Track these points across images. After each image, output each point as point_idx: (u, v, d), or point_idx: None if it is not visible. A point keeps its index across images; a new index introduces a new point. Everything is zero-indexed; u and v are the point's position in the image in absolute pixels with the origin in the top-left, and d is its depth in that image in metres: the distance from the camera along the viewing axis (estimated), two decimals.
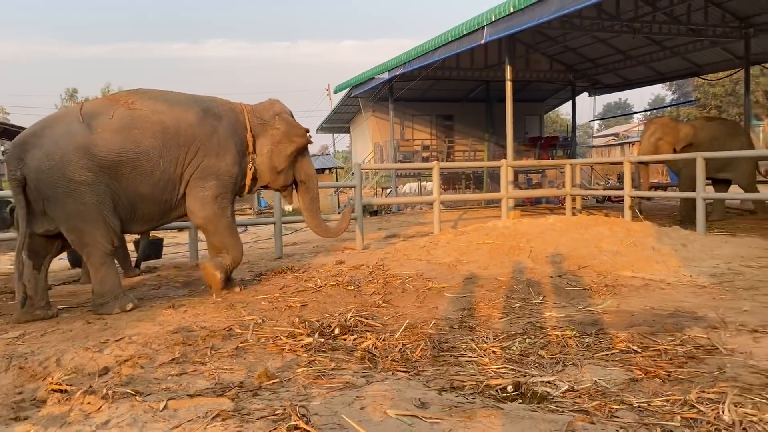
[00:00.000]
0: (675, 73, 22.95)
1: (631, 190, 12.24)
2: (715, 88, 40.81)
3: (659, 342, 4.72)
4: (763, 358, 4.31)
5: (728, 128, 13.19)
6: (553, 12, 11.44)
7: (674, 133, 12.31)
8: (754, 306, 5.86)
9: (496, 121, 23.03)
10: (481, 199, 19.33)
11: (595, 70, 23.35)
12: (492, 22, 13.20)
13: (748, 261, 8.18)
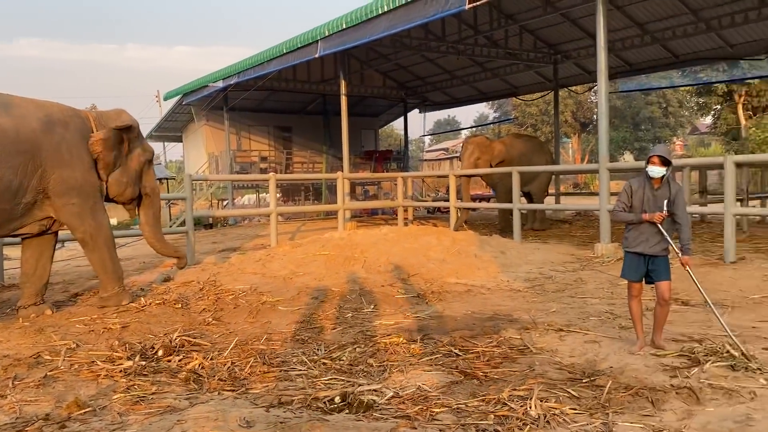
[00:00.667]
0: (495, 93, 24.81)
1: (457, 201, 12.99)
2: (530, 108, 44.66)
3: (478, 344, 5.03)
4: (567, 354, 4.76)
5: (534, 145, 14.53)
6: (382, 30, 11.86)
7: (490, 151, 13.33)
8: (560, 307, 6.45)
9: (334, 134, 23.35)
10: (319, 210, 19.46)
11: (424, 88, 24.56)
12: (326, 36, 13.38)
13: (557, 266, 9.01)
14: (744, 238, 10.42)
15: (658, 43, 16.96)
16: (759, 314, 5.75)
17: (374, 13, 11.74)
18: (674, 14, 15.67)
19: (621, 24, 16.49)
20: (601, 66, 9.63)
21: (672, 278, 4.80)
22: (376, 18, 11.82)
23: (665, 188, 4.71)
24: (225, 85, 18.56)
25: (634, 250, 4.77)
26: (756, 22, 14.85)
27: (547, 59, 19.22)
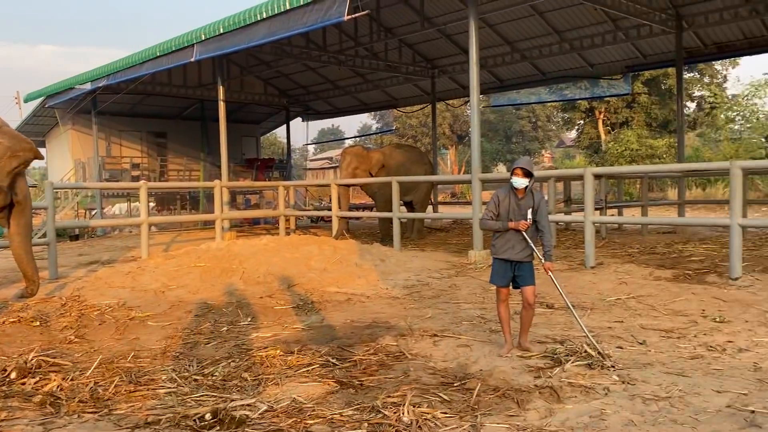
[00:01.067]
0: (377, 104, 25.23)
1: (338, 210, 13.03)
2: (411, 120, 45.84)
3: (356, 353, 5.05)
4: (440, 359, 4.89)
5: (414, 155, 14.84)
6: (262, 37, 11.69)
7: (367, 160, 13.51)
8: (436, 313, 6.63)
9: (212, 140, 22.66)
10: (196, 220, 18.78)
11: (307, 97, 24.49)
12: (202, 40, 12.99)
13: (433, 273, 9.26)
14: (603, 245, 11.24)
15: (527, 61, 17.99)
16: (614, 315, 6.21)
17: (253, 19, 11.55)
18: (541, 34, 16.71)
19: (493, 42, 17.34)
20: (473, 81, 10.05)
21: (538, 283, 5.08)
22: (255, 24, 11.63)
23: (529, 198, 4.97)
24: (93, 88, 17.49)
25: (502, 257, 5.00)
26: (612, 44, 16.16)
27: (425, 73, 19.83)
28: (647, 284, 7.42)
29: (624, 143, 30.39)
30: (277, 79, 23.15)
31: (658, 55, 16.58)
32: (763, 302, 6.28)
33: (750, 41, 14.93)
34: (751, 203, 15.84)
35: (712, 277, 7.63)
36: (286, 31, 11.15)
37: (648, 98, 32.33)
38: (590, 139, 36.00)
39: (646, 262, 8.92)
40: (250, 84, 23.06)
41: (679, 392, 3.84)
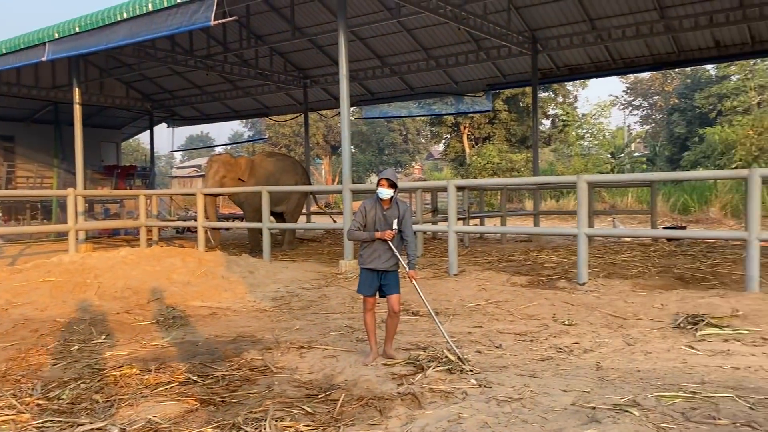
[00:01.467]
0: (248, 112, 24.75)
1: (204, 220, 12.61)
2: (284, 129, 45.46)
3: (218, 369, 4.90)
4: (306, 371, 4.86)
5: (286, 164, 14.59)
6: (122, 38, 11.07)
7: (235, 169, 13.16)
8: (304, 324, 6.59)
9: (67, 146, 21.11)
10: (48, 231, 17.39)
11: (173, 102, 23.53)
12: (55, 39, 12.09)
13: (303, 283, 9.21)
14: (466, 253, 11.74)
15: (396, 76, 18.48)
16: (474, 320, 6.49)
17: (113, 19, 10.92)
18: (410, 50, 17.23)
19: (364, 55, 17.65)
20: (343, 93, 10.16)
21: (404, 291, 5.20)
22: (115, 24, 11.00)
23: (395, 208, 5.09)
24: None
25: (369, 267, 5.06)
26: (475, 63, 16.99)
27: (297, 82, 19.76)
28: (505, 290, 7.84)
29: (486, 157, 32.01)
30: (140, 83, 22.05)
31: (516, 75, 17.66)
32: (606, 305, 6.84)
33: (596, 65, 16.30)
34: (597, 214, 17.22)
35: (563, 282, 8.20)
36: (148, 33, 10.64)
37: (508, 115, 34.31)
38: (456, 152, 37.55)
39: (504, 270, 9.43)
40: (110, 87, 21.77)
41: (530, 393, 4.07)
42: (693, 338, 5.48)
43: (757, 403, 3.78)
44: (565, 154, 38.06)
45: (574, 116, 37.35)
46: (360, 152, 50.10)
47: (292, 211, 14.11)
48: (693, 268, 9.07)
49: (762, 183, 7.08)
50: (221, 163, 13.17)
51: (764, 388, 4.10)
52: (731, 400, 3.82)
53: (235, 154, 20.94)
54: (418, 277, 5.18)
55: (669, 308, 6.46)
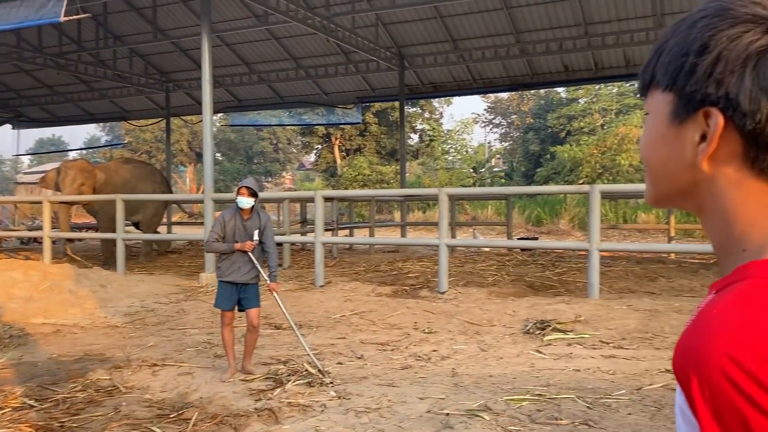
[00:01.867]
0: (105, 115, 23.29)
1: (51, 231, 11.65)
2: (145, 134, 43.27)
3: (60, 391, 4.52)
4: (159, 390, 4.61)
5: (144, 172, 13.89)
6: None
7: (92, 176, 12.28)
8: (159, 340, 6.26)
9: None
10: None
11: (18, 102, 21.62)
12: None
13: (160, 297, 8.76)
14: (334, 264, 11.76)
15: (265, 84, 18.21)
16: (338, 331, 6.49)
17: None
18: (279, 59, 17.06)
19: (231, 61, 17.23)
20: (206, 98, 9.83)
21: (266, 304, 5.09)
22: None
23: (255, 219, 4.98)
24: None
25: (227, 279, 4.91)
26: (345, 75, 17.16)
27: (158, 86, 18.91)
28: (369, 300, 7.93)
29: (357, 168, 32.41)
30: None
31: (384, 89, 18.04)
32: (463, 313, 7.11)
33: (458, 83, 17.05)
34: (460, 225, 17.96)
35: (425, 291, 8.44)
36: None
37: (378, 128, 34.98)
38: (327, 163, 37.68)
39: (371, 280, 9.54)
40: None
41: (388, 402, 4.12)
42: (541, 343, 5.83)
43: (594, 402, 4.08)
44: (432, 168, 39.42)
45: (439, 132, 38.82)
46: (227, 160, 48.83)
47: (148, 221, 13.35)
48: (543, 277, 9.68)
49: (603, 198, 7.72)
50: (78, 170, 12.19)
51: (601, 388, 4.44)
52: (572, 401, 4.10)
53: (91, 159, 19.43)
54: (282, 290, 5.11)
55: (520, 315, 6.84)
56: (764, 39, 0.58)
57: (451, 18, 14.40)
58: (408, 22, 14.75)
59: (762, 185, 0.61)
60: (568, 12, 13.47)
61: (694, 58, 0.61)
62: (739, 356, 0.53)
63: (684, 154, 0.64)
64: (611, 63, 15.24)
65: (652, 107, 0.68)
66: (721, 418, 0.53)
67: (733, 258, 0.63)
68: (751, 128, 0.58)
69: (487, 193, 18.30)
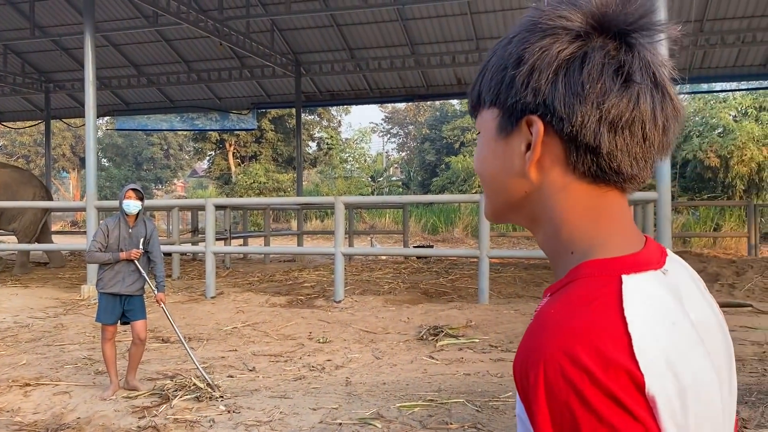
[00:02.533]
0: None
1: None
2: (22, 137, 40.35)
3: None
4: (30, 411, 4.27)
5: (21, 177, 12.90)
6: None
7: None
8: (33, 358, 5.81)
9: None
10: None
11: None
12: None
13: (36, 312, 8.16)
14: (227, 274, 11.44)
15: (154, 87, 17.50)
16: (229, 344, 6.30)
17: None
18: (169, 62, 16.46)
19: (118, 62, 16.43)
20: (89, 100, 9.30)
21: (154, 317, 4.86)
22: None
23: (141, 226, 4.75)
24: None
25: (110, 291, 4.65)
26: (239, 80, 16.82)
27: (37, 86, 17.71)
28: (263, 311, 7.76)
29: (253, 176, 31.81)
30: None
31: (281, 96, 17.85)
32: (359, 321, 7.12)
33: (356, 92, 17.17)
34: (358, 233, 18.04)
35: (320, 301, 8.38)
36: None
37: (274, 135, 34.54)
38: (221, 170, 36.72)
39: (265, 290, 9.36)
40: None
41: (280, 414, 4.04)
42: (434, 348, 5.94)
43: (483, 405, 4.19)
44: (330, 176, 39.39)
45: (338, 140, 38.89)
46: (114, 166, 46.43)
47: (24, 230, 12.36)
48: (437, 284, 9.89)
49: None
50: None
51: (489, 391, 4.57)
52: (462, 405, 4.19)
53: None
54: (171, 301, 4.89)
55: (414, 321, 6.94)
56: (571, 47, 0.61)
57: (348, 27, 14.49)
58: (305, 29, 14.69)
59: (586, 187, 0.64)
60: (461, 26, 13.93)
61: (512, 71, 0.64)
62: (577, 353, 0.54)
63: (513, 166, 0.66)
64: None
65: (481, 125, 0.71)
66: (556, 419, 0.54)
67: (563, 261, 0.65)
68: (569, 131, 0.61)
69: (384, 202, 18.47)
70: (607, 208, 0.65)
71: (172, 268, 10.85)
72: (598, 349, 0.53)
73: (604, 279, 0.59)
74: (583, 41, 0.62)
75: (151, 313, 4.94)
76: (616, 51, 0.61)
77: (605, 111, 0.60)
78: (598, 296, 0.57)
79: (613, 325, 0.55)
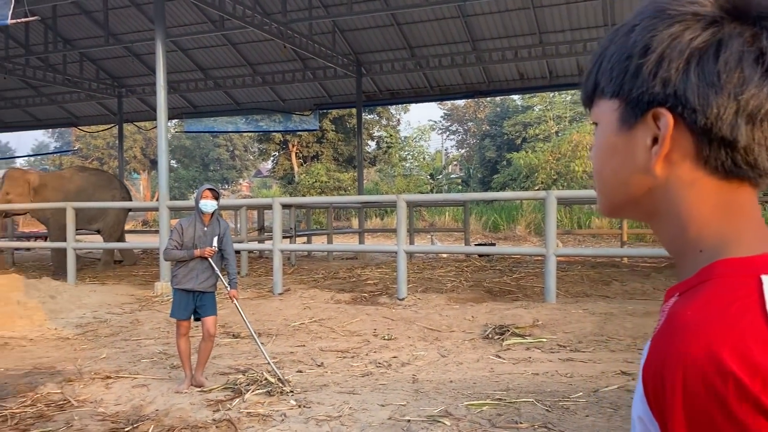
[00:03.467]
0: (54, 121, 22.65)
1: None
2: (96, 140, 42.21)
3: (8, 407, 4.35)
4: (112, 403, 4.48)
5: (100, 180, 13.44)
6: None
7: (21, 185, 11.76)
8: (112, 352, 6.09)
9: None
10: None
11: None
12: None
13: (114, 308, 8.53)
14: (293, 271, 11.66)
15: (221, 89, 18.00)
16: (297, 339, 6.43)
17: None
18: (234, 65, 16.90)
19: (186, 66, 16.99)
20: (160, 104, 9.65)
21: (225, 312, 5.00)
22: None
23: (215, 225, 4.90)
24: None
25: (184, 287, 4.81)
26: (302, 82, 17.09)
27: (110, 91, 18.50)
28: (328, 308, 7.88)
29: (314, 175, 32.26)
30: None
31: (342, 96, 18.03)
32: (422, 319, 7.13)
33: (416, 90, 17.17)
34: (418, 231, 18.04)
35: (384, 298, 8.43)
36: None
37: (335, 135, 34.92)
38: (284, 170, 37.40)
39: (329, 287, 9.49)
40: None
41: (349, 410, 4.10)
42: (500, 348, 5.89)
43: (553, 405, 4.13)
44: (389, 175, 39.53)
45: (397, 138, 38.97)
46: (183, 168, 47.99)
47: (109, 230, 12.93)
48: (500, 282, 9.79)
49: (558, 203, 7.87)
50: (7, 179, 11.75)
51: (559, 391, 4.50)
52: (531, 405, 4.14)
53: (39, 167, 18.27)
54: (241, 297, 5.02)
55: (479, 320, 6.89)
56: (704, 35, 0.58)
57: (408, 26, 14.51)
58: (365, 29, 14.81)
59: (715, 183, 0.60)
60: (523, 21, 13.73)
61: (638, 60, 0.61)
62: (723, 359, 0.50)
63: (636, 161, 0.63)
64: (565, 71, 15.58)
65: (599, 117, 0.67)
66: (693, 428, 0.51)
67: (691, 260, 0.62)
68: (702, 124, 0.58)
69: (445, 200, 18.39)
70: (739, 205, 0.61)
71: (240, 265, 11.14)
72: (745, 355, 0.50)
73: (741, 279, 0.56)
74: (716, 28, 0.58)
75: (222, 309, 5.09)
76: (755, 38, 0.57)
77: (743, 102, 0.57)
78: (737, 298, 0.54)
79: (759, 329, 0.51)
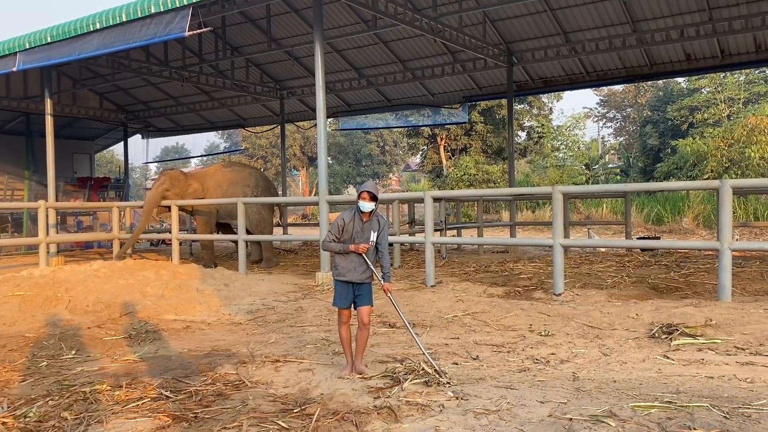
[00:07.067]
0: (223, 123, 24.60)
1: (179, 233, 12.44)
2: (261, 140, 45.23)
3: (192, 384, 4.81)
4: (281, 385, 4.79)
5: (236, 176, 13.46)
6: (95, 48, 10.94)
7: (180, 184, 12.71)
8: (280, 337, 6.51)
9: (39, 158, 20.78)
10: (18, 244, 17.06)
11: (147, 113, 23.30)
12: (27, 49, 11.90)
13: (280, 296, 9.12)
14: (443, 264, 11.74)
15: (373, 87, 18.51)
16: (451, 332, 6.47)
17: (86, 29, 10.79)
18: (385, 62, 17.29)
19: (340, 66, 17.66)
20: (319, 104, 10.12)
21: (380, 303, 5.16)
22: (87, 35, 10.87)
23: (374, 221, 5.06)
24: None
25: (344, 279, 5.02)
26: (451, 75, 17.09)
27: (273, 94, 19.70)
28: (481, 301, 7.83)
29: (463, 168, 32.18)
30: (114, 94, 21.81)
31: (491, 87, 17.79)
32: (581, 316, 6.86)
33: (570, 77, 16.49)
34: (573, 224, 17.39)
35: (539, 293, 8.23)
36: (122, 44, 10.53)
37: (484, 127, 34.55)
38: (433, 163, 37.69)
39: (481, 280, 9.43)
40: (84, 98, 21.48)
41: (507, 405, 4.05)
42: (668, 348, 5.52)
43: (731, 411, 3.80)
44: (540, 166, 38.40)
45: (549, 128, 37.73)
46: (337, 164, 50.03)
47: (255, 226, 13.15)
48: (667, 278, 9.16)
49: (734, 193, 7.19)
50: (167, 177, 12.85)
51: (738, 396, 4.13)
52: (706, 410, 3.84)
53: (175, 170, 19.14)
54: (394, 289, 5.15)
55: (644, 318, 6.51)
56: None
57: (562, 10, 13.98)
58: (517, 17, 14.48)
59: None
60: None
61: None
62: None
63: None
64: (739, 49, 14.19)
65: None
66: None
67: None
68: None
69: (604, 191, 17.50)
70: None
71: (393, 258, 11.41)
72: None
73: None
74: None
75: (377, 300, 5.24)
76: None
77: None
78: None
79: None
